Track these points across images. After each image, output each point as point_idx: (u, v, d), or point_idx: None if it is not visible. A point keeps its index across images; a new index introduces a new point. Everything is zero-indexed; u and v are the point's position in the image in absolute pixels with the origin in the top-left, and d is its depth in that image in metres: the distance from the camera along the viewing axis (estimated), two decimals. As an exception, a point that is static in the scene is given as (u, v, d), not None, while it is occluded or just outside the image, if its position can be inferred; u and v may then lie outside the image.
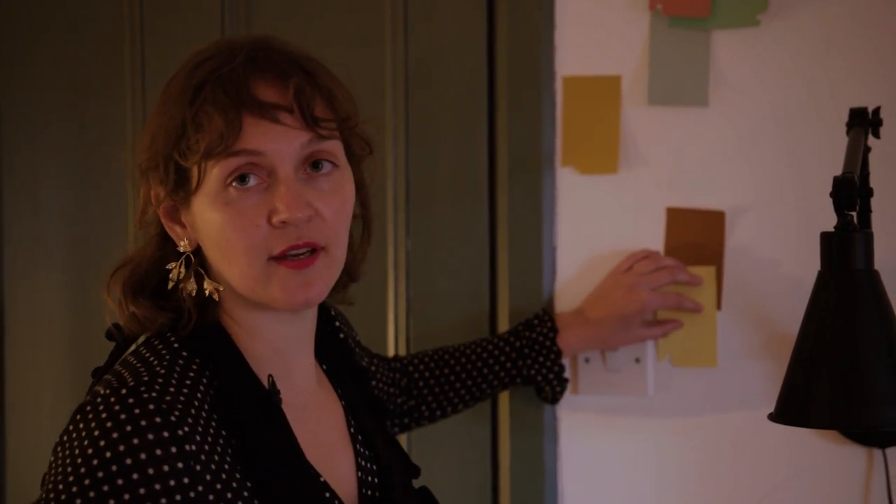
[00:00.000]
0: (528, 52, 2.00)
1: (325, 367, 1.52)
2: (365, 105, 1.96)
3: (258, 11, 2.14)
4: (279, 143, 1.26)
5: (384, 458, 1.50)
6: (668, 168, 1.97)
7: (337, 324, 1.60)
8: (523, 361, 1.89)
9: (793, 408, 1.43)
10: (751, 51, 1.92)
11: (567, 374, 1.94)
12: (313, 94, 1.28)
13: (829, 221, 1.47)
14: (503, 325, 2.02)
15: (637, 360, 1.97)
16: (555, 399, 1.93)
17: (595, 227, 2.00)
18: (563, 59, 2.00)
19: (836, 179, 1.41)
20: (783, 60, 1.91)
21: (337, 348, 1.58)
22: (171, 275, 1.34)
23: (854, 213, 1.45)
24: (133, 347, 1.35)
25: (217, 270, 1.33)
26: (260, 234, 1.27)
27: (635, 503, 2.01)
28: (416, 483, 1.59)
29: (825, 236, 1.44)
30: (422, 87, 2.08)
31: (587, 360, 1.98)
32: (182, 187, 1.30)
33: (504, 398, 2.04)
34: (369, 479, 1.46)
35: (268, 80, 1.27)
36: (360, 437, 1.48)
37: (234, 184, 1.26)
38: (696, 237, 1.96)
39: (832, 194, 1.42)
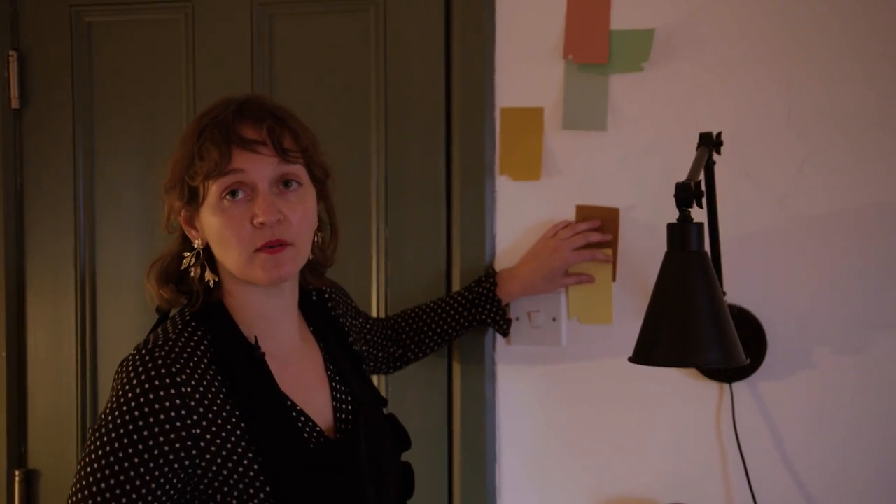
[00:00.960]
0: (475, 88, 2.02)
1: (312, 328, 1.60)
2: (356, 129, 2.03)
3: (282, 78, 2.15)
4: (257, 165, 1.38)
5: (357, 393, 1.56)
6: (578, 176, 1.99)
7: (327, 296, 1.68)
8: (475, 310, 1.93)
9: (644, 352, 1.49)
10: (637, 89, 1.95)
11: (510, 316, 1.98)
12: (282, 132, 1.39)
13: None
14: (456, 289, 2.05)
15: (554, 319, 2.00)
16: (504, 333, 1.96)
17: (524, 220, 2.03)
18: (501, 95, 2.02)
19: (677, 185, 1.49)
20: (660, 97, 1.95)
21: (325, 316, 1.65)
22: (182, 265, 1.46)
23: (691, 209, 1.51)
24: (161, 320, 1.48)
25: (219, 260, 1.43)
26: (246, 233, 1.37)
27: (551, 428, 2.03)
28: (386, 412, 1.65)
29: (670, 226, 1.50)
30: (398, 115, 2.08)
31: (517, 319, 2.00)
32: (193, 201, 1.41)
33: (455, 350, 2.06)
34: (344, 406, 1.53)
35: (249, 124, 1.38)
36: (336, 378, 1.55)
37: (227, 197, 1.38)
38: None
39: (675, 195, 1.49)
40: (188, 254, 1.45)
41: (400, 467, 1.60)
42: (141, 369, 1.32)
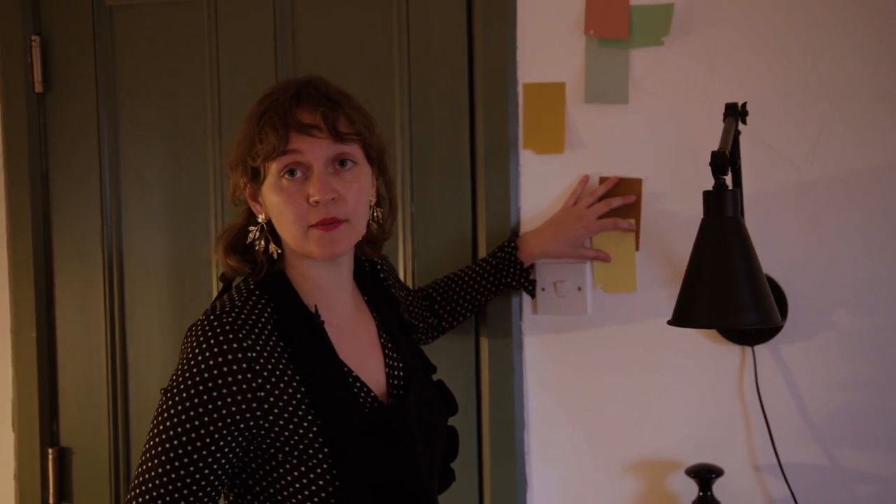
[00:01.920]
0: (498, 65, 2.04)
1: (366, 297, 1.65)
2: (381, 110, 2.06)
3: (305, 59, 2.16)
4: (313, 147, 1.43)
5: (408, 360, 1.62)
6: (600, 148, 2.02)
7: (378, 267, 1.73)
8: (500, 274, 1.98)
9: (683, 314, 1.55)
10: (657, 63, 1.99)
11: (533, 278, 2.02)
12: (336, 116, 1.45)
13: (712, 184, 1.59)
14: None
15: (579, 289, 2.03)
16: (532, 294, 2.01)
17: (548, 192, 2.06)
18: (523, 71, 2.05)
19: (713, 153, 1.54)
20: (680, 70, 1.98)
21: (378, 286, 1.70)
22: (248, 237, 1.52)
23: (727, 177, 1.57)
24: (226, 287, 1.53)
25: (280, 234, 1.49)
26: (302, 210, 1.44)
27: (578, 394, 2.06)
28: (434, 378, 1.71)
29: (706, 194, 1.55)
30: (421, 94, 2.10)
31: (543, 289, 2.04)
32: (255, 179, 1.48)
33: (482, 321, 2.09)
34: (396, 373, 1.58)
35: (306, 108, 1.44)
36: (389, 345, 1.61)
37: (285, 176, 1.44)
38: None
39: (710, 164, 1.55)
40: (253, 227, 1.51)
41: (446, 431, 1.65)
42: (210, 334, 1.37)
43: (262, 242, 1.51)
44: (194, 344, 1.38)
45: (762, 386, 1.97)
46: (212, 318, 1.40)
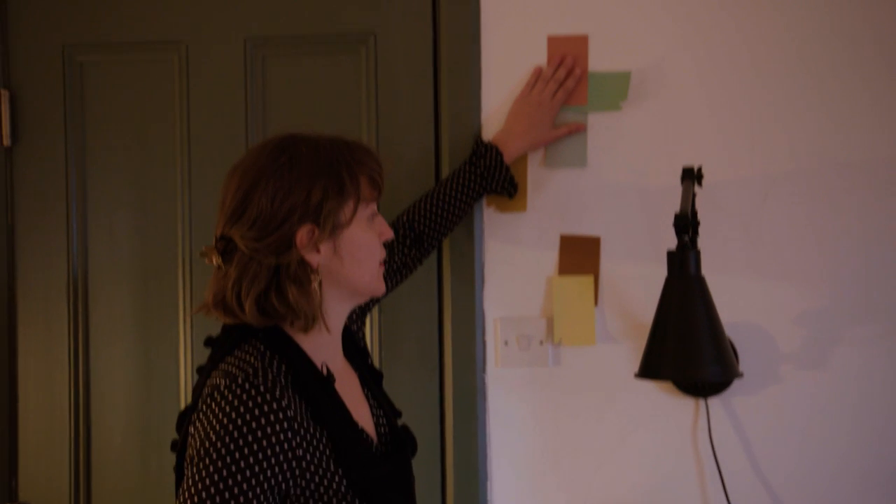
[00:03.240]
0: (463, 128, 2.09)
1: (344, 352, 1.64)
2: None
3: (274, 117, 2.20)
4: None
5: (385, 408, 1.65)
6: (561, 208, 2.09)
7: (348, 325, 1.72)
8: (487, 181, 2.01)
9: (650, 368, 1.62)
10: (615, 127, 2.07)
11: (516, 180, 2.03)
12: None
13: (669, 243, 1.66)
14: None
15: (540, 342, 2.09)
16: (511, 195, 2.05)
17: (511, 249, 2.11)
18: (488, 133, 2.09)
19: (676, 216, 1.63)
20: (637, 134, 2.06)
21: (350, 338, 1.69)
22: (311, 285, 1.47)
23: (688, 236, 1.66)
24: (217, 348, 1.49)
25: (346, 276, 1.50)
26: (378, 248, 1.54)
27: (540, 443, 2.10)
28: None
29: (670, 253, 1.63)
30: (389, 154, 2.09)
31: (506, 343, 2.08)
32: (336, 226, 1.49)
33: (447, 371, 2.11)
34: (381, 421, 1.61)
35: (372, 156, 1.55)
36: (370, 395, 1.64)
37: (371, 217, 1.53)
38: (580, 255, 2.07)
39: (674, 225, 1.64)
40: (314, 275, 1.47)
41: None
42: (245, 397, 1.34)
43: (318, 289, 1.47)
44: (228, 408, 1.34)
45: (715, 437, 2.04)
46: (240, 380, 1.36)
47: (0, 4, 2.28)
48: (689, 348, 1.58)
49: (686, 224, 1.61)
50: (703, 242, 2.00)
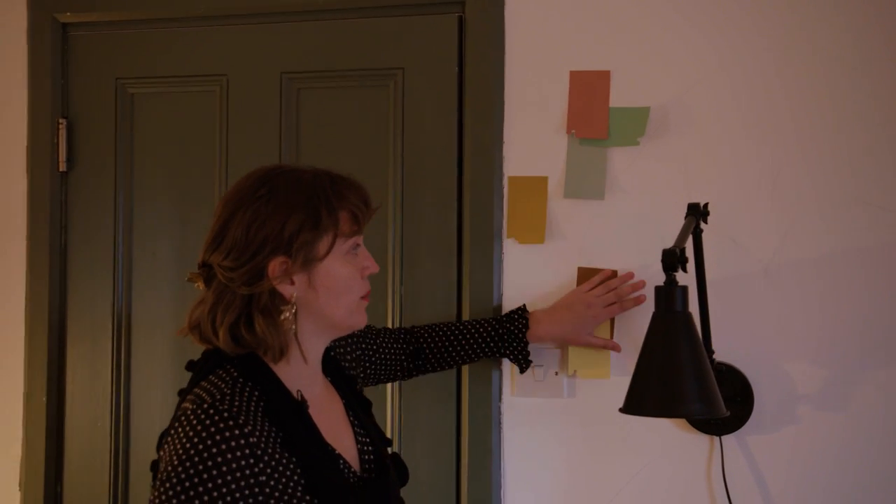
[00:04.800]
0: (485, 159, 2.14)
1: (329, 378, 1.68)
2: (375, 196, 2.10)
3: (307, 146, 2.28)
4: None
5: (373, 435, 1.65)
6: (578, 241, 2.09)
7: (332, 353, 1.74)
8: (502, 344, 2.00)
9: (634, 403, 1.61)
10: (633, 162, 2.07)
11: (531, 358, 2.01)
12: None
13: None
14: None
15: (556, 374, 2.09)
16: (522, 370, 2.01)
17: (528, 280, 2.12)
18: (509, 165, 2.13)
19: (664, 251, 1.61)
20: (654, 169, 2.06)
21: (334, 365, 1.72)
22: (282, 315, 1.48)
23: (676, 273, 1.64)
24: (198, 373, 1.53)
25: (323, 309, 1.50)
26: (359, 282, 1.54)
27: (551, 471, 2.10)
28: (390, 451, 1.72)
29: (657, 289, 1.62)
30: (414, 182, 2.20)
31: (521, 373, 2.06)
32: (308, 258, 1.49)
33: (464, 401, 2.14)
34: (366, 448, 1.62)
35: (358, 191, 1.55)
36: (355, 423, 1.64)
37: (352, 251, 1.53)
38: (597, 288, 2.07)
39: (662, 261, 1.62)
40: (286, 307, 1.48)
41: (401, 501, 1.69)
42: (208, 422, 1.36)
43: (293, 320, 1.48)
44: (191, 433, 1.36)
45: (729, 475, 2.01)
46: (205, 405, 1.38)
47: (62, 42, 2.43)
48: (672, 385, 1.57)
49: (675, 260, 1.60)
50: (721, 280, 2.01)
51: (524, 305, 2.05)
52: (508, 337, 2.00)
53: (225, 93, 2.34)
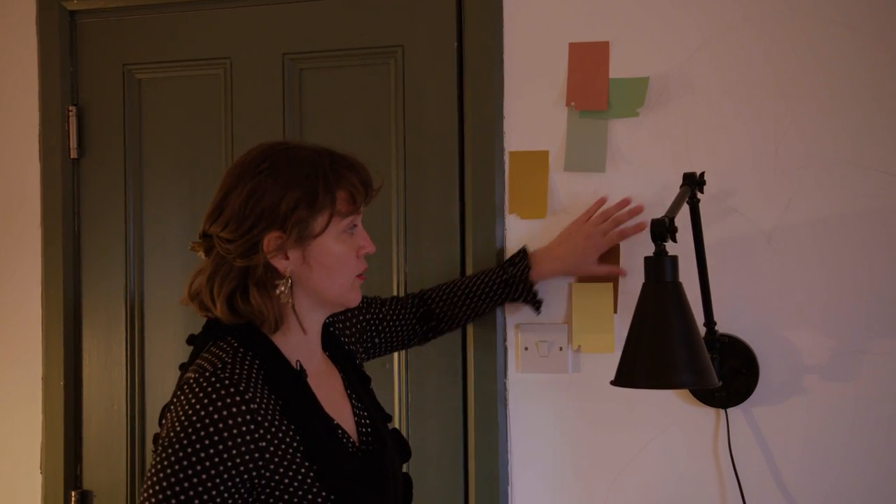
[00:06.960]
0: (486, 135, 2.13)
1: (328, 353, 1.70)
2: (377, 171, 2.14)
3: (309, 125, 2.28)
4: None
5: (370, 409, 1.67)
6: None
7: (332, 329, 1.76)
8: (508, 290, 1.99)
9: (624, 375, 1.58)
10: (634, 133, 2.04)
11: (540, 297, 2.03)
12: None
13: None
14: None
15: (560, 349, 2.08)
16: (537, 309, 2.04)
17: None
18: (510, 140, 2.12)
19: (652, 221, 1.58)
20: (655, 140, 2.03)
21: (335, 341, 1.74)
22: (278, 289, 1.50)
23: (666, 243, 1.60)
24: (199, 345, 1.55)
25: (318, 285, 1.53)
26: (355, 261, 1.55)
27: (557, 446, 2.10)
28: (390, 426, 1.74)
29: (646, 259, 1.59)
30: (415, 159, 2.19)
31: (526, 349, 2.09)
32: (302, 235, 1.51)
33: (470, 378, 2.13)
34: (364, 421, 1.63)
35: (360, 171, 1.57)
36: (353, 396, 1.66)
37: (349, 230, 1.54)
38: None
39: (650, 230, 1.59)
40: (280, 281, 1.50)
41: (401, 476, 1.69)
42: (210, 389, 1.39)
43: (289, 294, 1.50)
44: (193, 400, 1.39)
45: (735, 448, 1.98)
46: (207, 374, 1.41)
47: (70, 29, 2.45)
48: (663, 356, 1.54)
49: (663, 230, 1.57)
50: (723, 249, 1.98)
51: (525, 247, 2.05)
52: (513, 281, 2.00)
53: (229, 75, 2.35)
